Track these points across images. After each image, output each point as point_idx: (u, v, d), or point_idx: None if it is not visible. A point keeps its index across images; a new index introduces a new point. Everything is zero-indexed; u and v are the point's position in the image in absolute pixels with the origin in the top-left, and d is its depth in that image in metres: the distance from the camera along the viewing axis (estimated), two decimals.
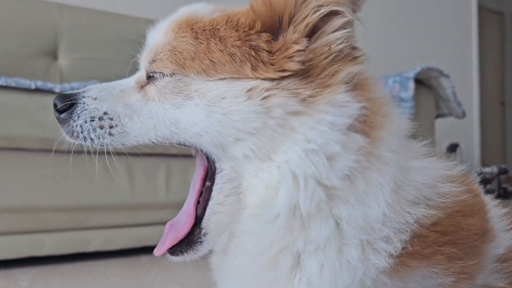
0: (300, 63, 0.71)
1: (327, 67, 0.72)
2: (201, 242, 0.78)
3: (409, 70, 2.84)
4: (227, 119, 0.72)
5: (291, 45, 0.71)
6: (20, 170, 1.95)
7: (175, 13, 0.82)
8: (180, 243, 0.80)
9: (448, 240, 0.70)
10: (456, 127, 5.05)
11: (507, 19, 7.39)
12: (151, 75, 0.79)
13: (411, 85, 2.74)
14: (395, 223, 0.69)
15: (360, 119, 0.70)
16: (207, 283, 1.71)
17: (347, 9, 0.71)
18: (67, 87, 2.09)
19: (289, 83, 0.71)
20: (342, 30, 0.72)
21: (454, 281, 0.70)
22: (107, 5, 3.17)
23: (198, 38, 0.75)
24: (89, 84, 2.15)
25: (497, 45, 7.14)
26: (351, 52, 0.74)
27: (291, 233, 0.70)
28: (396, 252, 0.68)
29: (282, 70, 0.71)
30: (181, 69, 0.75)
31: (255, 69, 0.72)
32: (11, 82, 1.94)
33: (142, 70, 0.85)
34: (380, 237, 0.68)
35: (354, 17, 0.73)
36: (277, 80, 0.71)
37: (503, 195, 5.04)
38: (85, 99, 0.81)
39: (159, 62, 0.77)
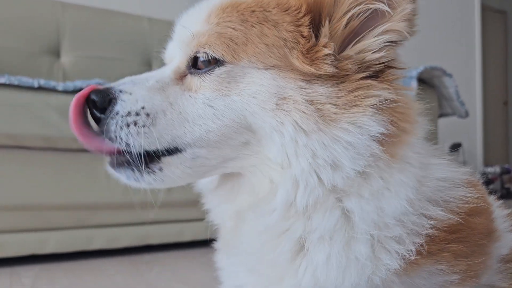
0: (333, 67, 0.69)
1: (361, 83, 0.69)
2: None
3: (411, 69, 2.83)
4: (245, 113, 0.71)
5: (320, 48, 0.70)
6: (23, 168, 1.96)
7: None
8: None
9: (455, 238, 0.70)
10: (458, 127, 5.04)
11: (510, 18, 7.37)
12: (193, 65, 0.75)
13: (413, 84, 2.73)
14: (410, 223, 0.68)
15: (382, 134, 0.68)
16: (209, 281, 1.71)
17: (396, 13, 0.68)
18: (70, 85, 2.09)
19: (321, 86, 0.69)
20: (383, 36, 0.69)
21: (460, 279, 0.70)
22: (110, 4, 3.17)
23: (247, 20, 0.72)
24: (92, 82, 2.16)
25: (500, 45, 7.12)
26: (391, 65, 0.71)
27: (287, 220, 0.71)
28: (410, 255, 0.67)
29: (317, 68, 0.69)
30: (232, 57, 0.71)
31: (298, 58, 0.70)
32: (14, 80, 1.95)
33: (175, 59, 0.80)
34: (392, 236, 0.68)
35: (401, 27, 0.69)
36: (312, 81, 0.70)
37: (505, 195, 5.03)
38: (122, 95, 0.74)
39: (208, 48, 0.72)
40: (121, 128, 0.72)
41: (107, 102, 0.73)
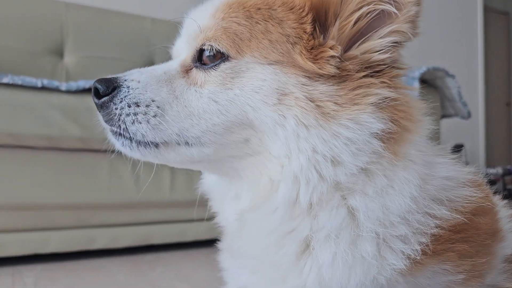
0: (335, 67, 0.70)
1: (362, 82, 0.70)
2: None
3: (414, 70, 2.83)
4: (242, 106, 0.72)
5: (327, 49, 0.70)
6: (25, 167, 1.96)
7: None
8: None
9: (460, 237, 0.70)
10: (461, 128, 5.03)
11: None
12: (198, 59, 0.76)
13: (416, 85, 2.72)
14: (415, 222, 0.68)
15: (383, 131, 0.69)
16: (212, 281, 1.71)
17: (402, 14, 0.68)
18: (73, 85, 2.09)
19: (323, 84, 0.70)
20: (389, 37, 0.70)
21: (464, 279, 0.70)
22: (113, 4, 3.18)
23: (253, 17, 0.73)
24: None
25: (502, 46, 7.10)
26: (393, 65, 0.72)
27: (293, 220, 0.71)
28: (415, 255, 0.67)
29: (320, 67, 0.70)
30: (236, 51, 0.72)
31: (301, 54, 0.71)
32: (17, 80, 1.95)
33: (182, 54, 0.82)
34: (397, 235, 0.68)
35: (406, 29, 0.69)
36: (313, 78, 0.70)
37: (508, 196, 5.01)
38: (128, 83, 0.76)
39: (213, 41, 0.73)
40: (128, 115, 0.74)
41: (111, 90, 0.75)
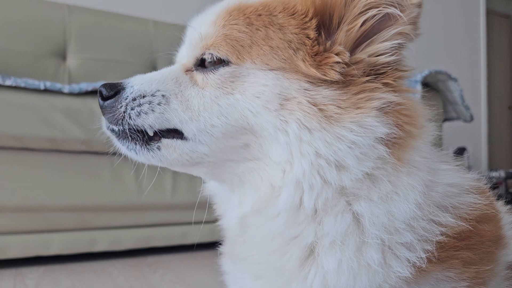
0: (339, 74, 0.69)
1: (365, 86, 0.69)
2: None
3: (416, 73, 2.83)
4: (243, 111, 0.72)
5: (332, 55, 0.70)
6: (28, 169, 1.96)
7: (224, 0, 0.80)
8: None
9: (464, 244, 0.70)
10: (463, 131, 5.02)
11: None
12: (200, 63, 0.77)
13: (418, 88, 2.72)
14: (420, 229, 0.67)
15: (388, 136, 0.68)
16: (213, 284, 1.71)
17: (405, 18, 0.68)
18: (76, 87, 2.10)
19: (326, 89, 0.70)
20: (393, 40, 0.70)
21: (467, 286, 0.69)
22: (116, 7, 3.19)
23: (253, 24, 0.73)
24: (98, 85, 2.16)
25: (505, 49, 7.09)
26: (397, 67, 0.72)
27: (297, 225, 0.70)
28: (420, 262, 0.66)
29: (323, 73, 0.70)
30: (237, 58, 0.72)
31: (304, 60, 0.70)
32: (20, 82, 1.96)
33: (184, 60, 0.82)
34: (402, 243, 0.67)
35: (409, 30, 0.69)
36: (316, 83, 0.70)
37: (510, 200, 4.99)
38: (132, 83, 0.77)
39: (213, 49, 0.74)
40: (132, 108, 0.75)
41: (114, 93, 0.76)
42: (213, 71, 0.74)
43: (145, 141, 0.76)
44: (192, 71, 0.78)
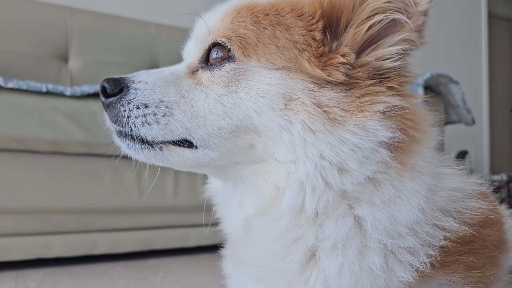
0: (344, 75, 0.70)
1: (369, 89, 0.70)
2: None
3: (418, 76, 2.81)
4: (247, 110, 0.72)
5: (337, 56, 0.70)
6: (30, 171, 1.96)
7: None
8: None
9: (467, 249, 0.70)
10: (465, 134, 5.01)
11: None
12: (206, 60, 0.77)
13: (420, 91, 2.72)
14: (424, 233, 0.67)
15: (391, 140, 0.68)
16: (214, 287, 1.71)
17: (411, 23, 0.69)
18: (78, 90, 2.10)
19: (330, 90, 0.70)
20: (399, 45, 0.70)
21: None
22: (117, 9, 3.20)
23: (260, 22, 0.74)
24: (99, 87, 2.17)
25: (507, 52, 7.09)
26: (401, 73, 0.72)
27: (298, 228, 0.70)
28: (423, 267, 0.66)
29: (328, 74, 0.70)
30: (242, 54, 0.73)
31: (309, 61, 0.71)
32: (22, 84, 1.96)
33: (191, 57, 0.83)
34: (405, 247, 0.67)
35: (414, 37, 0.70)
36: (321, 84, 0.70)
37: None
38: (136, 85, 0.76)
39: (220, 40, 0.74)
40: (137, 117, 0.74)
41: (118, 90, 0.76)
42: (219, 67, 0.74)
43: (147, 141, 0.76)
44: (197, 71, 0.79)
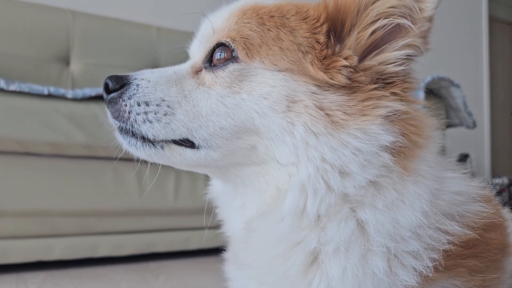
0: (347, 78, 0.70)
1: (372, 94, 0.70)
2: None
3: (421, 82, 2.81)
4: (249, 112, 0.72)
5: (340, 59, 0.70)
6: (31, 174, 1.97)
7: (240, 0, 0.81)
8: None
9: (470, 253, 0.70)
10: (466, 137, 5.01)
11: None
12: (209, 60, 0.77)
13: (421, 95, 2.72)
14: (427, 237, 0.67)
15: (393, 144, 0.68)
16: None
17: (416, 29, 0.69)
18: (79, 93, 2.11)
19: (333, 94, 0.70)
20: (403, 50, 0.70)
21: None
22: (119, 13, 3.21)
23: (265, 24, 0.74)
24: (101, 90, 2.17)
25: (508, 55, 7.09)
26: (405, 78, 0.72)
27: (300, 231, 0.70)
28: (427, 271, 0.66)
29: (331, 77, 0.70)
30: (246, 55, 0.73)
31: (313, 63, 0.71)
32: (24, 87, 1.97)
33: (196, 56, 0.83)
34: (408, 251, 0.67)
35: (419, 43, 0.70)
36: (324, 87, 0.70)
37: None
38: (138, 81, 0.77)
39: (224, 39, 0.75)
40: (138, 114, 0.74)
41: (119, 86, 0.77)
42: (222, 68, 0.74)
43: (148, 139, 0.76)
44: (200, 71, 0.79)
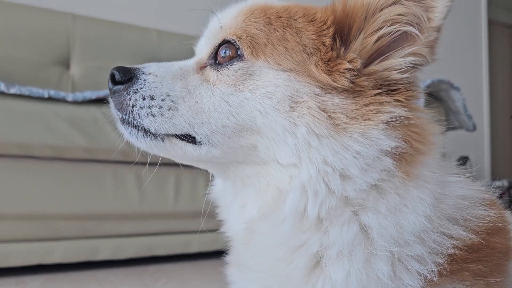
0: (350, 81, 0.70)
1: (375, 99, 0.70)
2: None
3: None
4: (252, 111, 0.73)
5: (344, 61, 0.71)
6: (31, 177, 1.96)
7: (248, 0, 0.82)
8: None
9: (475, 257, 0.69)
10: (466, 140, 5.01)
11: None
12: (214, 57, 0.78)
13: (421, 97, 2.71)
14: (431, 242, 0.67)
15: (395, 150, 0.68)
16: None
17: (423, 38, 0.69)
18: (79, 96, 2.11)
19: (336, 96, 0.70)
20: (409, 58, 0.70)
21: None
22: (119, 16, 3.21)
23: (272, 24, 0.75)
24: (101, 93, 2.17)
25: (507, 58, 7.10)
26: (409, 86, 0.72)
27: (302, 233, 0.70)
28: (431, 276, 0.66)
29: (334, 79, 0.70)
30: (251, 53, 0.73)
31: (317, 65, 0.71)
32: (24, 90, 1.97)
33: (202, 53, 0.84)
34: (413, 255, 0.67)
35: (425, 52, 0.70)
36: (327, 89, 0.71)
37: None
38: (145, 76, 0.78)
39: (230, 37, 0.75)
40: (142, 108, 0.75)
41: (127, 79, 0.77)
42: (227, 66, 0.75)
43: (149, 132, 0.77)
44: (205, 67, 0.79)
